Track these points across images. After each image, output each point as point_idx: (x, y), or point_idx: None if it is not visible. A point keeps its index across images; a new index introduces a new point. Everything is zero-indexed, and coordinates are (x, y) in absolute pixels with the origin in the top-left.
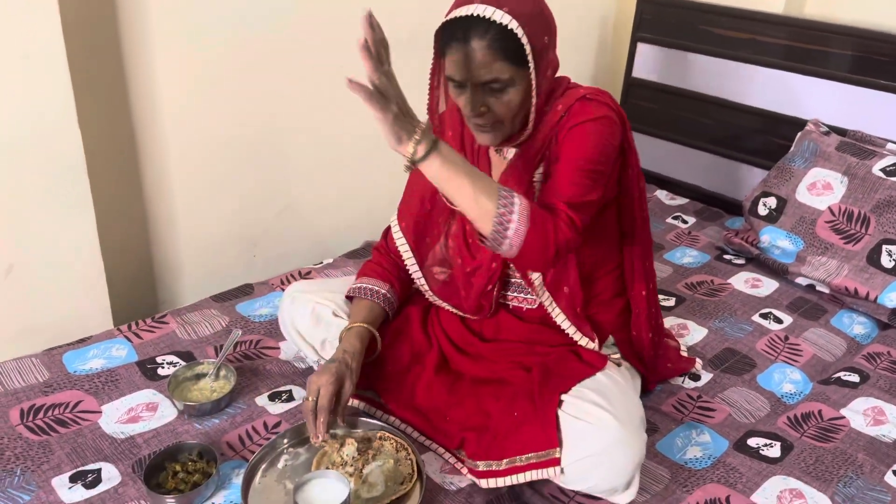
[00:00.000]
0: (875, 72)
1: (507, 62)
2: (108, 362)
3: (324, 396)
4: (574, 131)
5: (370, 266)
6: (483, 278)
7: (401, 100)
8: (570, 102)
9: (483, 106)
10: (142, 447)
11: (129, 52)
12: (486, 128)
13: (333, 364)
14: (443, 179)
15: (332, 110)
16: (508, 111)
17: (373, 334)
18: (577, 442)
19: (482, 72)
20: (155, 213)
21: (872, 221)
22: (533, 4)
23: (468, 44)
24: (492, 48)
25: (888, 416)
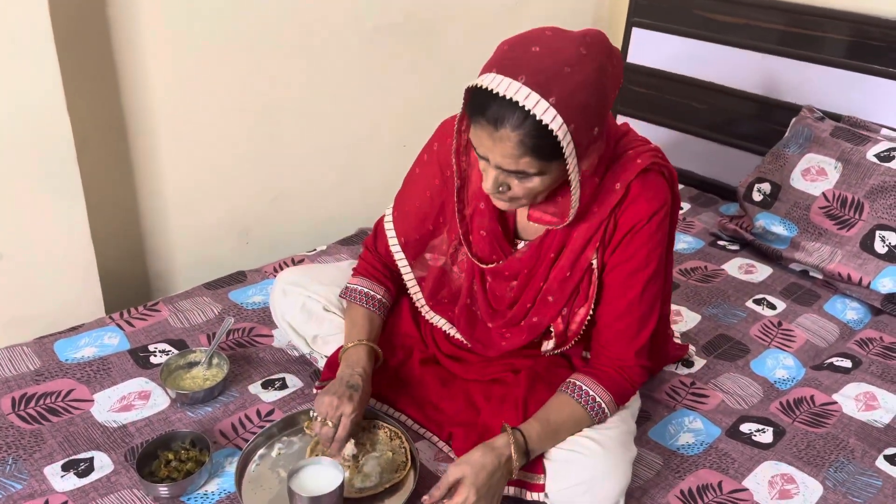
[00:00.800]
0: (870, 57)
1: (539, 159)
2: (100, 350)
3: (345, 427)
4: (638, 238)
5: (364, 266)
6: (504, 343)
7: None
8: (629, 178)
9: (503, 186)
10: (134, 436)
11: (118, 37)
12: (503, 199)
13: (357, 394)
14: (546, 449)
15: (326, 96)
16: (530, 194)
17: (377, 353)
18: (563, 470)
19: (506, 161)
20: (147, 201)
21: (866, 207)
22: (591, 93)
23: (497, 129)
24: (523, 144)
25: (880, 401)
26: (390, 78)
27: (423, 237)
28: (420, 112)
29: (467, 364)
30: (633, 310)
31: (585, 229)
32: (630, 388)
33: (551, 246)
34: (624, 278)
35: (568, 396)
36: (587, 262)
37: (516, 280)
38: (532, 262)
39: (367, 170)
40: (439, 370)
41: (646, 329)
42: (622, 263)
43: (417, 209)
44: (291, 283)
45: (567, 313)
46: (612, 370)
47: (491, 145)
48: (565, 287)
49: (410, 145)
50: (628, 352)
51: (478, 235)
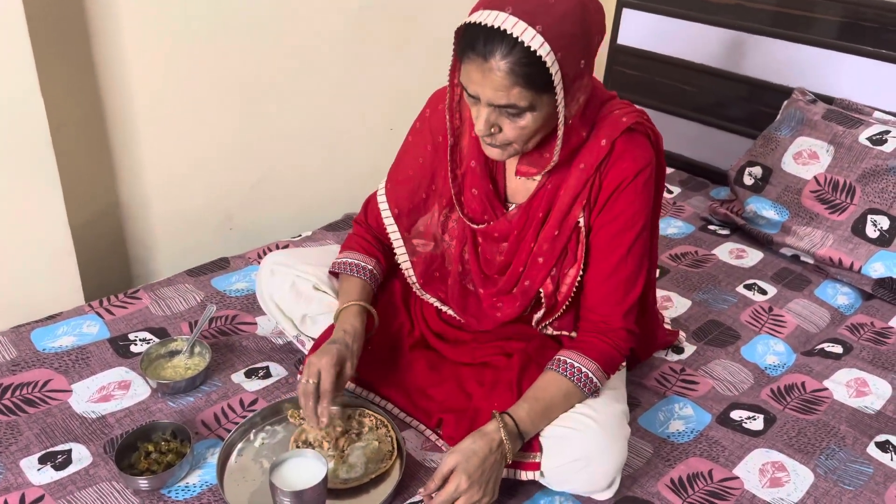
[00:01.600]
0: (862, 38)
1: (529, 89)
2: (79, 339)
3: (326, 380)
4: (623, 196)
5: (354, 239)
6: (498, 314)
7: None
8: (614, 135)
9: (494, 126)
10: (114, 427)
11: (94, 19)
12: (495, 145)
13: (334, 346)
14: (541, 428)
15: (310, 78)
16: (521, 136)
17: (370, 312)
18: (559, 447)
19: (497, 94)
20: (126, 186)
21: (858, 191)
22: (576, 22)
23: (487, 61)
24: (513, 73)
25: (871, 387)
26: (376, 59)
27: (416, 206)
28: (407, 94)
29: (458, 345)
30: (619, 270)
31: (572, 187)
32: (617, 355)
33: (540, 206)
34: (610, 238)
35: (554, 372)
36: (574, 221)
37: (506, 242)
38: (521, 222)
39: (353, 154)
40: (428, 354)
41: (633, 291)
42: (608, 224)
43: (410, 178)
44: (280, 263)
45: (556, 274)
46: (596, 339)
47: (481, 79)
48: (555, 247)
49: (398, 128)
50: (615, 314)
51: (469, 194)
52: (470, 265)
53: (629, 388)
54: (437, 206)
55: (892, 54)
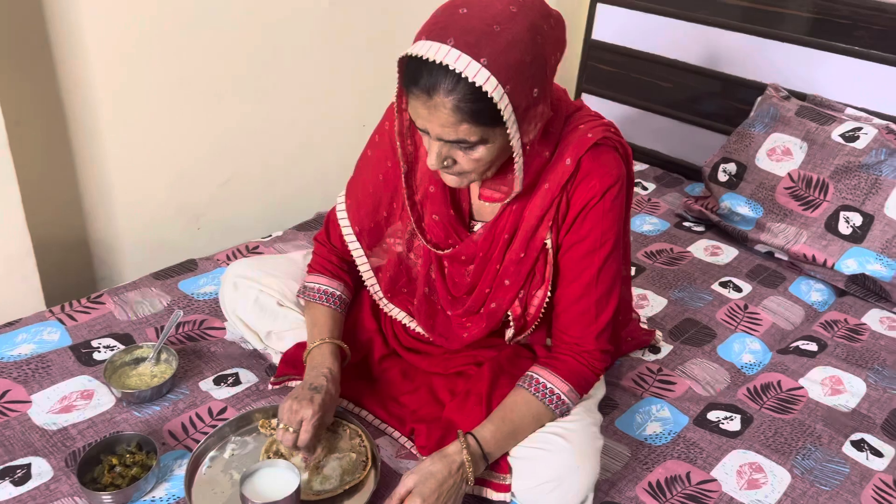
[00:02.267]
0: (835, 35)
1: (478, 125)
2: (39, 347)
3: (306, 432)
4: (591, 216)
5: (319, 261)
6: (465, 335)
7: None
8: (579, 154)
9: (447, 159)
10: (76, 439)
11: (52, 11)
12: (452, 174)
13: (318, 396)
14: (507, 450)
15: (280, 73)
16: (477, 167)
17: (344, 350)
18: (529, 468)
19: (446, 131)
20: (88, 185)
21: (831, 188)
22: (526, 50)
23: (431, 97)
24: (459, 110)
25: (845, 384)
26: (347, 54)
27: (378, 225)
28: (379, 90)
29: (429, 357)
30: (590, 292)
31: (538, 207)
32: (592, 376)
33: (505, 227)
34: (579, 259)
35: (525, 391)
36: (541, 242)
37: (473, 264)
38: (487, 244)
39: (324, 150)
40: (401, 363)
41: (605, 312)
42: (576, 244)
43: (371, 195)
44: (242, 276)
45: (524, 296)
46: (570, 358)
47: (427, 115)
48: (521, 269)
49: (370, 124)
50: (588, 336)
51: (430, 220)
52: (437, 285)
53: (606, 390)
54: (402, 224)
55: (865, 51)
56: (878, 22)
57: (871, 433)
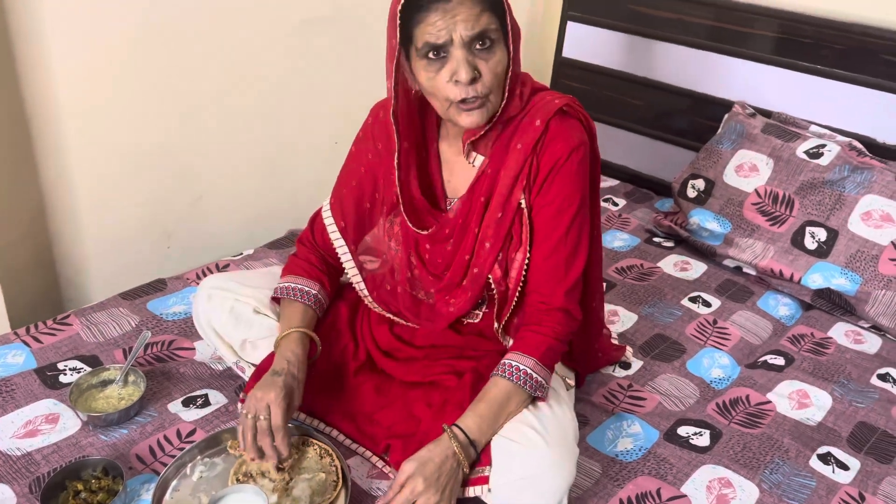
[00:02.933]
0: (798, 54)
1: (493, 14)
2: (3, 371)
3: (277, 415)
4: (559, 177)
5: (297, 262)
6: (451, 309)
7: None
8: (548, 116)
9: (475, 70)
10: (40, 464)
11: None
12: (476, 102)
13: (280, 378)
14: (492, 434)
15: (251, 91)
16: (496, 77)
17: (312, 339)
18: (507, 462)
19: (469, 24)
20: (54, 202)
21: (796, 203)
22: None
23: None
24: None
25: (812, 398)
26: (319, 73)
27: (362, 217)
28: (351, 108)
29: (408, 363)
30: (559, 250)
31: (511, 168)
32: (554, 342)
33: (481, 191)
34: (549, 219)
35: (495, 377)
36: (516, 202)
37: (452, 238)
38: (465, 212)
39: (296, 168)
40: (374, 378)
41: (573, 268)
42: (546, 205)
43: (354, 188)
44: (217, 287)
45: (503, 259)
46: (530, 333)
47: (450, 17)
48: (499, 230)
49: (342, 142)
50: (557, 292)
51: (411, 200)
52: (417, 269)
53: (578, 407)
54: (382, 216)
55: (828, 69)
56: (840, 42)
57: (836, 446)
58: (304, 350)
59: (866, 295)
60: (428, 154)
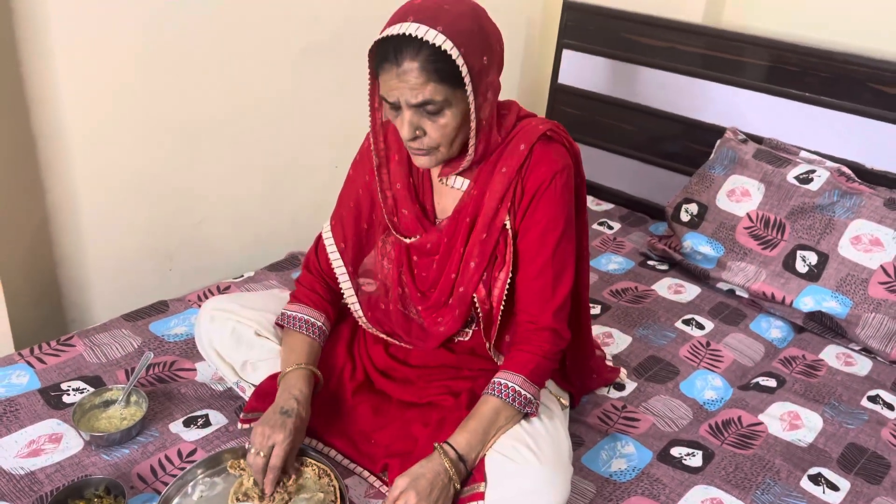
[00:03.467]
0: (788, 81)
1: (442, 84)
2: (7, 391)
3: (278, 456)
4: (543, 200)
5: (304, 292)
6: (441, 329)
7: None
8: (532, 140)
9: (418, 129)
10: (43, 483)
11: (26, 51)
12: (422, 151)
13: (290, 420)
14: (482, 450)
15: (252, 117)
16: (444, 135)
17: (317, 376)
18: (502, 480)
19: (415, 93)
20: (59, 226)
21: (787, 227)
22: (471, 22)
23: (400, 65)
24: (425, 69)
25: (803, 419)
26: (319, 98)
27: (360, 237)
28: (350, 133)
29: (405, 384)
30: (546, 270)
31: (496, 191)
32: (543, 361)
33: (467, 213)
34: (535, 241)
35: (485, 395)
36: (501, 223)
37: (438, 254)
38: (451, 231)
39: (297, 191)
40: (372, 398)
41: (560, 288)
42: (532, 227)
43: (352, 208)
44: (220, 308)
45: (487, 278)
46: (519, 352)
47: (398, 83)
48: (484, 250)
49: (342, 166)
50: (545, 312)
51: (401, 214)
52: (407, 286)
53: (572, 427)
54: (379, 237)
55: (815, 97)
56: (826, 70)
57: (827, 467)
58: (311, 388)
59: (857, 318)
60: (418, 178)
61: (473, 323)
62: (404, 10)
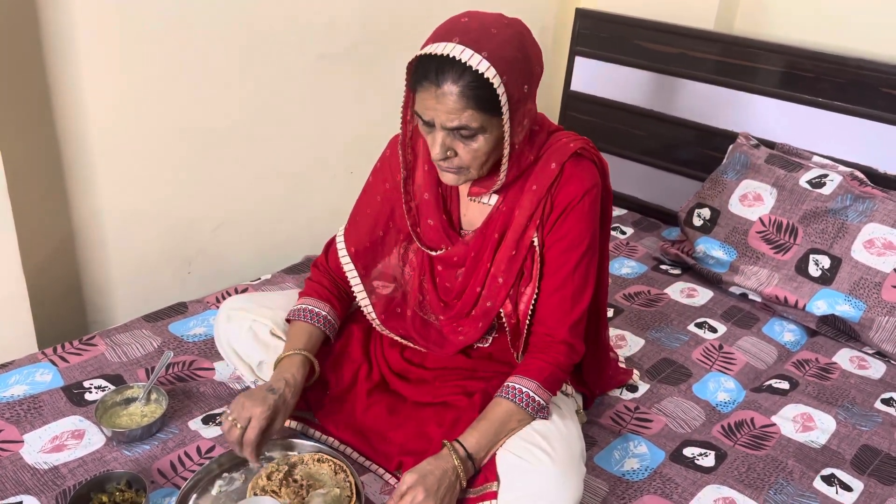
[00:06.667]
0: (800, 87)
1: (480, 111)
2: (32, 388)
3: (253, 429)
4: (571, 216)
5: (310, 285)
6: (461, 338)
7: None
8: (563, 159)
9: (450, 150)
10: (66, 477)
11: (52, 61)
12: (452, 170)
13: (272, 397)
14: (491, 450)
15: (271, 123)
16: (475, 159)
17: (311, 362)
18: (515, 480)
19: (451, 118)
20: (83, 230)
21: (800, 232)
22: (517, 49)
23: (440, 86)
24: (465, 95)
25: (816, 421)
26: (336, 106)
27: (374, 244)
28: (366, 140)
29: (419, 384)
30: (566, 285)
31: (526, 208)
32: (557, 371)
33: (495, 228)
34: (559, 254)
35: (498, 398)
36: (529, 241)
37: (464, 266)
38: (478, 244)
39: (313, 197)
40: (387, 398)
41: (579, 304)
42: (558, 241)
43: (368, 216)
44: (237, 308)
45: (514, 294)
46: (535, 359)
47: (435, 104)
48: (512, 266)
49: (357, 172)
50: (562, 326)
51: (425, 225)
52: (428, 294)
53: (585, 428)
54: (396, 243)
55: (828, 102)
56: (838, 75)
57: (840, 468)
58: (304, 375)
59: (870, 321)
60: (445, 189)
61: (494, 331)
62: (448, 28)
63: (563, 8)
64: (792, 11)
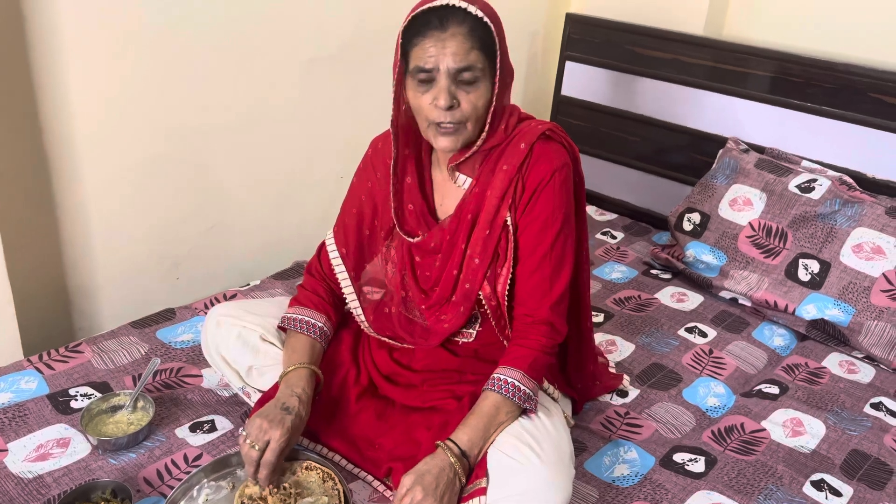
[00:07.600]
0: (789, 92)
1: (482, 53)
2: (16, 396)
3: (273, 451)
4: (542, 196)
5: (305, 294)
6: (445, 325)
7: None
8: (532, 139)
9: (454, 100)
10: (51, 487)
11: (37, 63)
12: (451, 128)
13: (289, 417)
14: (483, 444)
15: (260, 127)
16: (474, 110)
17: (318, 375)
18: (505, 479)
19: (457, 58)
20: (68, 234)
21: (790, 236)
22: (494, 10)
23: (445, 29)
24: (471, 35)
25: (805, 426)
26: (326, 109)
27: (362, 243)
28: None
29: (408, 388)
30: (544, 264)
31: (498, 188)
32: (540, 355)
33: (469, 210)
34: (533, 235)
35: (485, 391)
36: (502, 220)
37: (440, 252)
38: (453, 228)
39: (303, 201)
40: (375, 403)
41: (558, 283)
42: (532, 222)
43: (354, 215)
44: (226, 314)
45: (492, 275)
46: (516, 347)
47: (441, 47)
48: (487, 246)
49: (347, 176)
50: (542, 306)
51: (407, 210)
52: (411, 290)
53: (575, 433)
54: (381, 241)
55: (817, 107)
56: (828, 80)
57: (830, 473)
58: (313, 388)
59: (859, 325)
60: (423, 178)
61: (476, 323)
62: None
63: (554, 13)
64: (781, 17)
